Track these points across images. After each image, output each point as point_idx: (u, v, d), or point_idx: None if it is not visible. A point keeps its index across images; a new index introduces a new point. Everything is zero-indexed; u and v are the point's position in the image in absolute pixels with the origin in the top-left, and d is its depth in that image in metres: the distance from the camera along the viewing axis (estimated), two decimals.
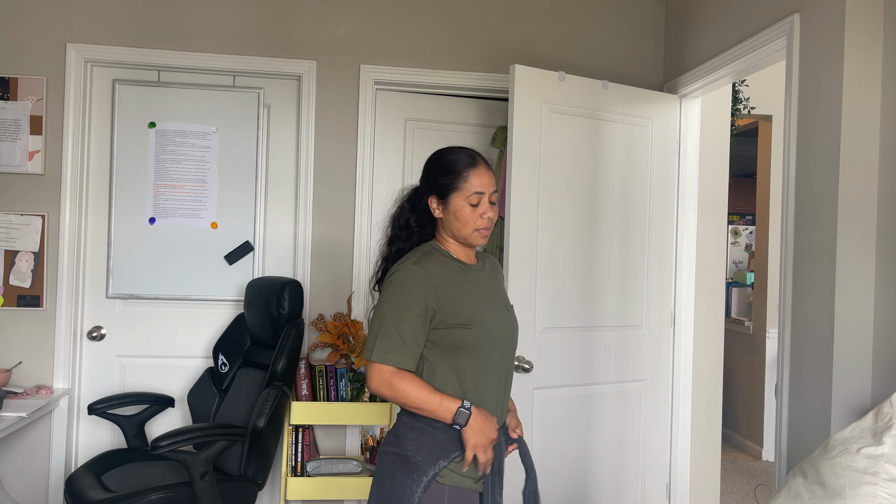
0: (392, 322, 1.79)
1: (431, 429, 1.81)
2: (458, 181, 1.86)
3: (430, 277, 1.81)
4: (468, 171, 1.86)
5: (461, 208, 1.86)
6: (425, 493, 1.76)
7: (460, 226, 1.88)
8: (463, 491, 1.82)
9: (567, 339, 3.17)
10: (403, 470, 1.79)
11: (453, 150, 1.92)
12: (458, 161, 1.88)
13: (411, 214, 1.96)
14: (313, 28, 3.40)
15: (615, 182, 3.28)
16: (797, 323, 2.52)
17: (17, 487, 3.20)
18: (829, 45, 2.40)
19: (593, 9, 3.62)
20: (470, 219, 1.87)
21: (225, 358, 3.23)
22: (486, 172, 1.88)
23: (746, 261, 7.85)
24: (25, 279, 3.22)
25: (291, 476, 3.11)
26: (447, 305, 1.81)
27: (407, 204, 1.98)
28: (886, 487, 1.68)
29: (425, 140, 3.60)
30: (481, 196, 1.86)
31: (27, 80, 3.21)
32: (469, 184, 1.85)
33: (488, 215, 1.87)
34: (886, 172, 2.30)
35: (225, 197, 3.41)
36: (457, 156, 1.89)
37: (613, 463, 3.30)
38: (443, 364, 1.84)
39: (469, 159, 1.88)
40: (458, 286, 1.86)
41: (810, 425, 2.43)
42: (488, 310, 1.89)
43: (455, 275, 1.87)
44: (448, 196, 1.87)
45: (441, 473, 1.79)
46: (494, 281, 2.00)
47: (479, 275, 1.95)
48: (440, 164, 1.90)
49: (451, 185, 1.86)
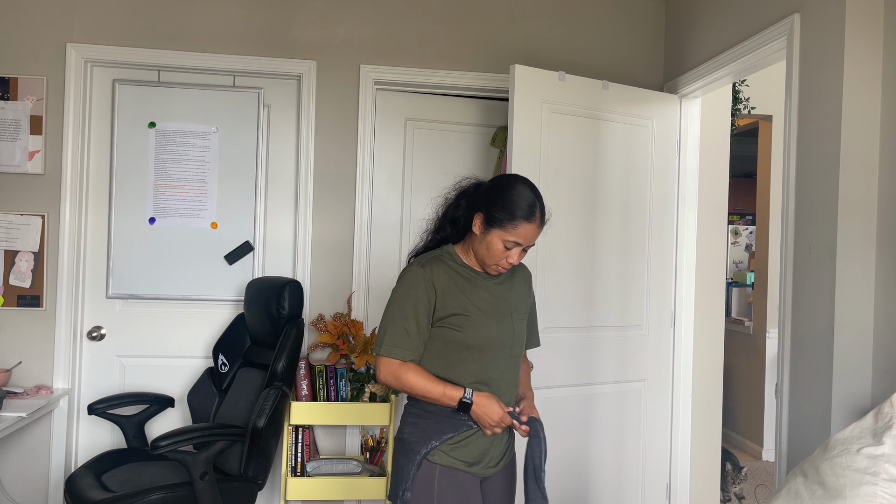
0: (398, 319, 1.94)
1: (426, 413, 1.99)
2: (507, 223, 1.91)
3: (433, 279, 1.95)
4: (520, 221, 1.91)
5: (495, 244, 1.93)
6: (418, 472, 1.95)
7: (485, 254, 1.96)
8: (454, 472, 1.96)
9: (567, 339, 3.17)
10: (403, 452, 1.99)
11: (521, 193, 1.93)
12: (518, 207, 1.91)
13: (464, 213, 2.03)
14: (313, 28, 3.40)
15: (615, 182, 3.28)
16: (797, 323, 2.52)
17: (17, 487, 3.20)
18: (829, 45, 2.40)
19: (593, 9, 3.62)
20: (497, 255, 1.95)
21: (225, 358, 3.23)
22: (536, 229, 1.94)
23: (746, 261, 7.85)
24: (25, 279, 3.22)
25: (291, 476, 3.11)
26: (445, 306, 1.95)
27: (464, 201, 2.04)
28: (886, 487, 1.68)
29: (425, 140, 3.60)
30: (518, 246, 1.94)
31: (27, 80, 3.21)
32: (515, 231, 1.91)
33: (512, 260, 1.96)
34: (886, 172, 2.30)
35: (225, 197, 3.41)
36: (521, 200, 1.92)
37: (613, 463, 3.30)
38: (440, 359, 1.98)
39: (528, 210, 1.92)
40: (459, 290, 1.97)
41: (810, 425, 2.43)
42: (486, 315, 1.98)
43: (458, 279, 1.99)
44: (492, 227, 1.93)
45: (432, 453, 1.95)
46: (508, 289, 2.06)
47: (488, 282, 2.03)
48: (503, 198, 1.93)
49: (500, 222, 1.92)
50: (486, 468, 2.02)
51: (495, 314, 2.00)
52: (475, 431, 1.98)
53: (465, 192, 2.05)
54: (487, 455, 2.01)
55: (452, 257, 2.02)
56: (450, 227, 2.06)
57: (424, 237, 2.11)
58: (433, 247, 2.08)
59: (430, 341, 1.98)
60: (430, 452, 1.95)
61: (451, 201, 2.07)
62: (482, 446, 2.00)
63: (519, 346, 2.06)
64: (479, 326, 1.96)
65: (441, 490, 1.94)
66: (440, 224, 2.08)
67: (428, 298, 1.94)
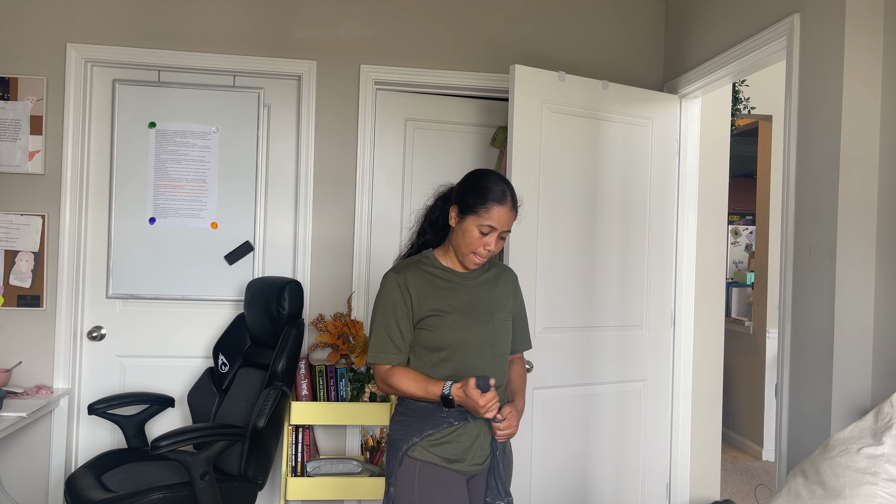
0: (381, 327, 2.04)
1: (409, 411, 2.05)
2: (480, 207, 1.98)
3: (406, 284, 2.03)
4: (493, 204, 1.98)
5: (470, 230, 2.00)
6: (400, 467, 2.01)
7: (462, 243, 2.03)
8: (435, 467, 1.99)
9: (567, 339, 3.17)
10: (389, 449, 2.07)
11: (492, 179, 2.02)
12: (489, 191, 1.99)
13: (441, 214, 2.13)
14: (313, 28, 3.40)
15: (615, 182, 3.28)
16: (797, 323, 2.52)
17: (17, 487, 3.20)
18: (829, 45, 2.40)
19: (593, 9, 3.61)
20: (473, 242, 2.01)
21: (225, 358, 3.23)
22: (509, 213, 2.00)
23: (746, 261, 7.85)
24: (25, 279, 3.22)
25: (291, 476, 3.11)
26: (421, 308, 2.02)
27: (440, 202, 2.15)
28: (886, 487, 1.68)
29: (425, 140, 3.60)
30: (493, 230, 1.99)
31: (27, 80, 3.21)
32: (488, 215, 1.98)
33: (490, 248, 2.01)
34: (886, 172, 2.30)
35: (225, 197, 3.41)
36: (492, 185, 2.00)
37: (613, 463, 3.30)
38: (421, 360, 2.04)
39: (500, 194, 1.99)
40: (436, 292, 2.04)
41: (810, 425, 2.43)
42: (463, 315, 2.03)
43: (435, 281, 2.06)
44: (466, 214, 2.00)
45: (412, 449, 2.01)
46: (489, 289, 2.12)
47: (468, 282, 2.09)
48: (475, 185, 2.02)
49: (473, 207, 1.99)
50: (470, 465, 2.03)
51: (474, 314, 2.05)
52: (457, 428, 2.01)
53: (442, 196, 2.15)
54: (470, 453, 2.03)
55: (431, 261, 2.09)
56: (430, 230, 2.15)
57: (407, 245, 2.21)
58: (415, 252, 2.16)
59: (413, 344, 2.05)
60: (411, 448, 2.00)
61: (430, 206, 2.17)
62: (464, 444, 2.02)
63: (502, 344, 2.09)
64: (456, 326, 2.01)
65: (422, 485, 1.98)
66: (421, 229, 2.17)
67: (404, 302, 2.02)
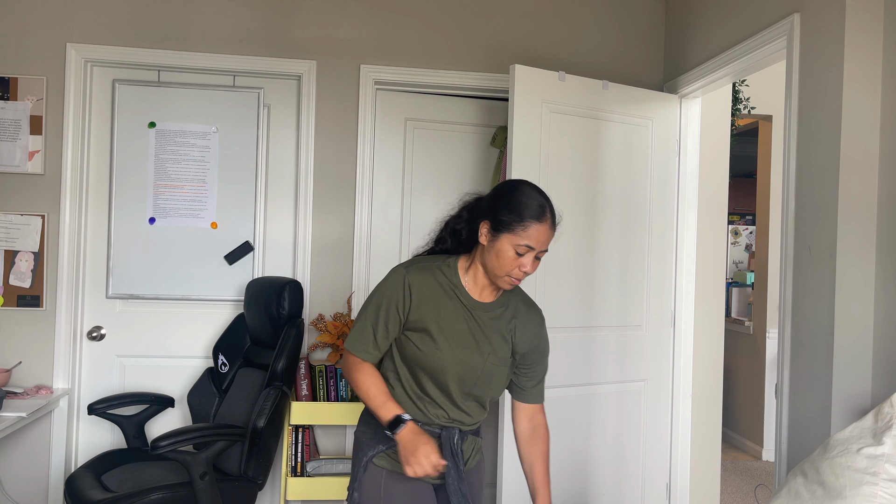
0: (369, 317, 1.91)
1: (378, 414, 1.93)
2: (516, 225, 1.80)
3: (410, 287, 1.88)
4: (531, 222, 1.80)
5: (506, 250, 1.81)
6: (365, 473, 1.92)
7: (496, 265, 1.84)
8: (402, 476, 1.89)
9: (567, 339, 3.17)
10: (356, 449, 1.99)
11: (528, 193, 1.83)
12: (526, 206, 1.80)
13: (466, 225, 1.95)
14: (313, 28, 3.40)
15: (615, 182, 3.28)
16: (797, 323, 2.52)
17: (17, 487, 3.20)
18: (829, 45, 2.40)
19: (593, 9, 3.62)
20: (508, 264, 1.82)
21: (225, 358, 3.23)
22: (548, 231, 1.82)
23: (746, 261, 7.85)
24: (25, 279, 3.22)
25: (291, 476, 3.11)
26: (415, 321, 1.88)
27: (466, 213, 1.96)
28: (886, 487, 1.68)
29: (425, 140, 3.60)
30: (530, 251, 1.81)
31: (27, 80, 3.21)
32: (526, 234, 1.80)
33: (526, 269, 1.83)
34: (886, 172, 2.30)
35: (225, 197, 3.41)
36: (529, 200, 1.81)
37: (613, 463, 3.30)
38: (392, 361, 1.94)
39: (538, 210, 1.80)
40: (435, 307, 1.88)
41: (810, 425, 2.43)
42: (448, 340, 1.87)
43: (440, 295, 1.90)
44: (501, 232, 1.82)
45: (379, 457, 1.92)
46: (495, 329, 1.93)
47: (476, 311, 1.91)
48: (509, 200, 1.82)
49: (509, 225, 1.80)
50: (438, 477, 1.94)
51: (466, 347, 1.88)
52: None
53: (467, 205, 1.97)
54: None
55: (451, 273, 1.92)
56: (450, 239, 1.98)
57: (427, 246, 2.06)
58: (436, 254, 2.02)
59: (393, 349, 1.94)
60: (377, 456, 1.92)
61: (454, 215, 2.00)
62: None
63: (482, 389, 1.92)
64: (441, 352, 1.86)
65: (387, 493, 1.89)
66: (440, 237, 2.01)
67: (402, 302, 1.87)
